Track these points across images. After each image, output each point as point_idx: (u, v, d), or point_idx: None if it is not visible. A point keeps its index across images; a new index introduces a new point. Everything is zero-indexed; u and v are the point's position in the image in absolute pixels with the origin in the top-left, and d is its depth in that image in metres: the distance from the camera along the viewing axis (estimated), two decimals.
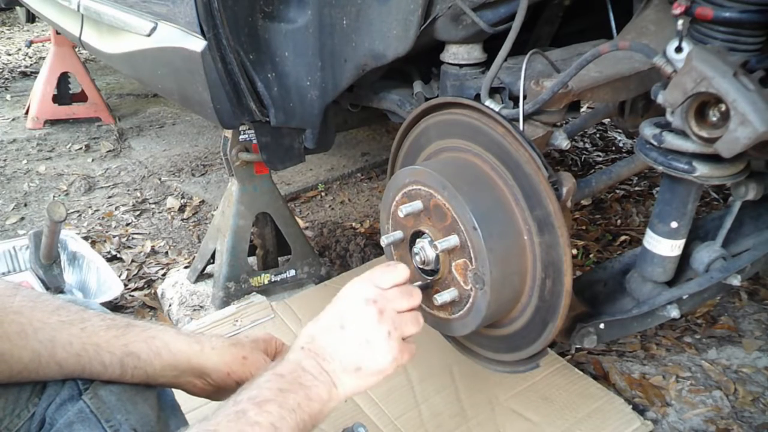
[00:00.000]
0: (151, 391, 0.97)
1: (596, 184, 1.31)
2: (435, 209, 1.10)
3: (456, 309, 1.13)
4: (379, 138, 3.50)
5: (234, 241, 1.96)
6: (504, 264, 1.04)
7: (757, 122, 0.82)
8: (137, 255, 2.44)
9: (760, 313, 1.96)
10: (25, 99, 4.09)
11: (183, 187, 3.03)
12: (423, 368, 1.67)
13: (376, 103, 1.59)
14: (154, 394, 0.98)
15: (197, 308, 2.02)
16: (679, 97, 0.90)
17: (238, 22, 1.37)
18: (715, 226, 1.25)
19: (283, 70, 1.45)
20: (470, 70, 1.30)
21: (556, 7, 1.48)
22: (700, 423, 1.58)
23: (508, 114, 1.11)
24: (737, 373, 1.74)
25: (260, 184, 1.98)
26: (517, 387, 1.61)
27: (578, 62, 1.03)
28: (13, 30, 6.45)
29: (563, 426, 1.50)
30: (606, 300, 1.26)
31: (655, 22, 1.19)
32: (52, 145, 3.55)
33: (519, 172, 1.04)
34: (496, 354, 1.24)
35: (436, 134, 1.22)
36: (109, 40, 1.98)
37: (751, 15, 0.93)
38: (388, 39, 1.26)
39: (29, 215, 2.79)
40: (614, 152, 3.29)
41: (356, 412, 1.54)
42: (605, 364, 1.77)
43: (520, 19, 1.10)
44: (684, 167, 0.99)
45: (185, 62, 1.47)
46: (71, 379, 0.93)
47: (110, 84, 4.68)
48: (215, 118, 1.50)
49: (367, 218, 2.68)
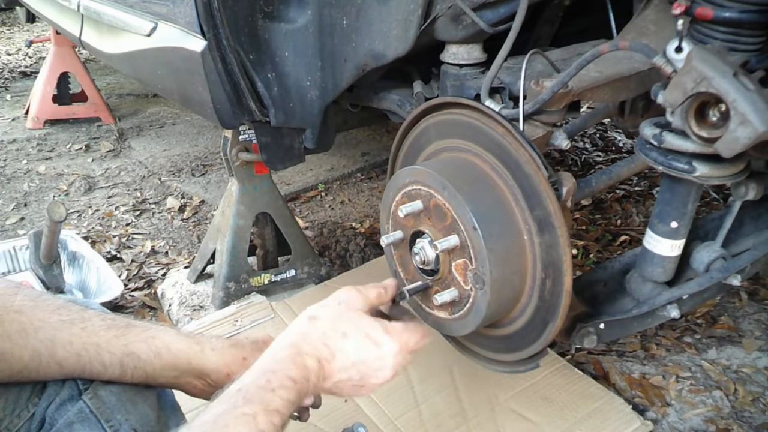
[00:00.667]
0: (151, 391, 0.97)
1: (596, 184, 1.31)
2: (435, 209, 1.10)
3: (456, 309, 1.13)
4: (379, 138, 3.50)
5: (234, 241, 1.96)
6: (504, 264, 1.04)
7: (757, 122, 0.82)
8: (137, 255, 2.44)
9: (760, 313, 1.96)
10: (25, 99, 4.09)
11: (183, 187, 3.03)
12: (423, 368, 1.67)
13: (376, 103, 1.59)
14: (154, 395, 0.98)
15: (197, 308, 2.02)
16: (679, 97, 0.90)
17: (238, 22, 1.37)
18: (715, 226, 1.25)
19: (283, 70, 1.45)
20: (470, 70, 1.30)
21: (556, 7, 1.48)
22: (700, 423, 1.58)
23: (508, 114, 1.11)
24: (737, 373, 1.74)
25: (260, 184, 1.98)
26: (517, 387, 1.61)
27: (578, 62, 1.03)
28: (13, 30, 6.46)
29: (563, 426, 1.50)
30: (606, 300, 1.26)
31: (655, 22, 1.19)
32: (52, 145, 3.55)
33: (519, 172, 1.04)
34: (496, 354, 1.24)
35: (436, 134, 1.22)
36: (109, 40, 1.98)
37: (751, 15, 0.93)
38: (388, 39, 1.26)
39: (29, 215, 2.79)
40: (614, 152, 3.29)
41: (356, 412, 1.54)
42: (605, 364, 1.77)
43: (520, 19, 1.10)
44: (684, 167, 0.99)
45: (185, 62, 1.47)
46: (71, 379, 0.93)
47: (110, 84, 4.68)
48: (215, 118, 1.50)
49: (367, 218, 2.68)
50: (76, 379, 0.93)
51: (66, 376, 0.91)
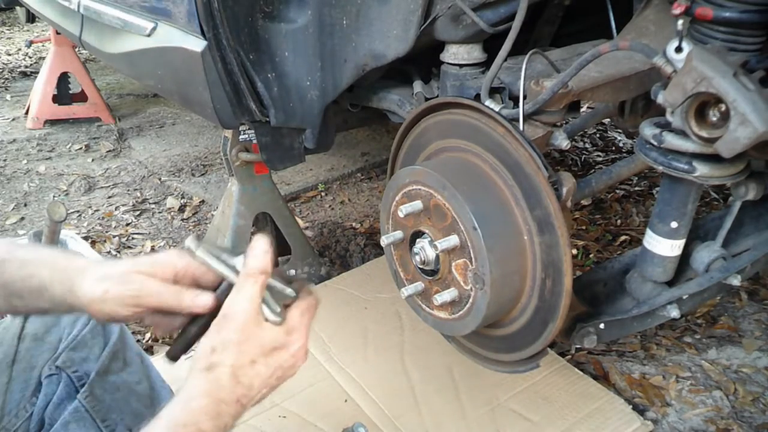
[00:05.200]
0: (145, 389, 0.96)
1: (596, 184, 1.31)
2: (435, 209, 1.10)
3: (456, 309, 1.13)
4: (379, 138, 3.50)
5: (234, 241, 1.96)
6: (504, 264, 1.04)
7: (757, 122, 0.82)
8: (137, 255, 2.44)
9: (760, 313, 1.96)
10: (25, 99, 4.09)
11: (183, 187, 3.03)
12: (423, 368, 1.67)
13: (376, 103, 1.59)
14: (148, 394, 0.97)
15: None
16: (679, 97, 0.90)
17: (238, 22, 1.37)
18: (715, 226, 1.25)
19: (283, 70, 1.45)
20: (470, 70, 1.30)
21: (556, 7, 1.48)
22: (700, 423, 1.58)
23: (508, 114, 1.11)
24: (737, 373, 1.74)
25: (260, 184, 1.98)
26: (517, 387, 1.61)
27: (578, 62, 1.03)
28: (13, 30, 6.45)
29: (563, 426, 1.50)
30: (606, 300, 1.26)
31: (655, 22, 1.19)
32: (52, 145, 3.55)
33: (519, 172, 1.04)
34: (497, 354, 1.24)
35: (436, 134, 1.22)
36: (109, 40, 1.98)
37: (751, 15, 0.93)
38: (388, 39, 1.26)
39: (29, 215, 2.79)
40: (614, 152, 3.29)
41: (356, 412, 1.54)
42: (605, 364, 1.77)
43: (520, 19, 1.10)
44: (684, 167, 0.99)
45: (185, 62, 1.47)
46: (67, 376, 0.92)
47: (110, 84, 4.68)
48: (215, 118, 1.50)
49: (367, 218, 2.67)
50: (71, 377, 0.92)
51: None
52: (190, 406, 0.72)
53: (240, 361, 0.76)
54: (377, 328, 1.83)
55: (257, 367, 0.77)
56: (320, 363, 1.69)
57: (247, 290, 0.78)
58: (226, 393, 0.74)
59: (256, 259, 0.81)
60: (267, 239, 0.83)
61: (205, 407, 0.72)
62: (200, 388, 0.74)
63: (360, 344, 1.76)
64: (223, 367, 0.75)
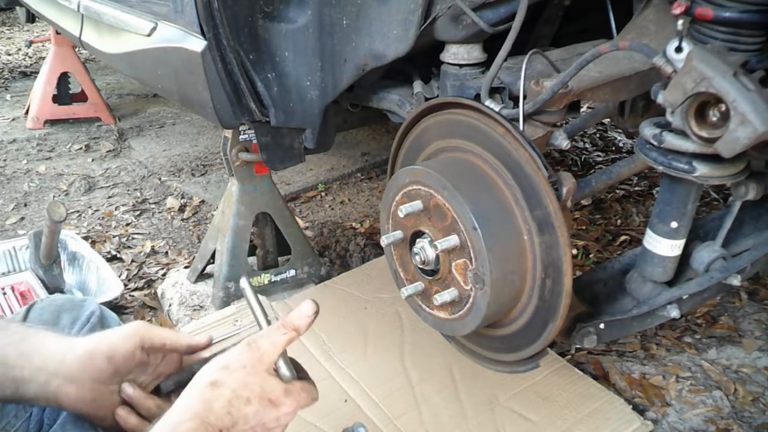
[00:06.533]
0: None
1: (596, 184, 1.31)
2: (435, 209, 1.10)
3: (456, 309, 1.13)
4: (379, 138, 3.50)
5: (234, 241, 1.96)
6: (504, 264, 1.04)
7: (757, 122, 0.82)
8: (137, 255, 2.44)
9: (760, 313, 1.96)
10: (25, 99, 4.09)
11: (183, 187, 3.03)
12: (423, 368, 1.67)
13: (376, 103, 1.59)
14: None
15: (197, 308, 2.03)
16: (679, 97, 0.90)
17: (238, 22, 1.37)
18: (715, 226, 1.26)
19: (283, 70, 1.45)
20: (470, 70, 1.30)
21: (556, 7, 1.48)
22: (700, 423, 1.58)
23: (508, 114, 1.11)
24: (737, 373, 1.74)
25: (260, 184, 1.98)
26: (517, 387, 1.61)
27: (578, 62, 1.03)
28: (13, 30, 6.45)
29: (563, 426, 1.50)
30: (606, 300, 1.26)
31: (655, 22, 1.19)
32: (52, 145, 3.55)
33: (519, 172, 1.04)
34: (497, 354, 1.24)
35: (436, 134, 1.22)
36: (109, 40, 1.98)
37: (751, 15, 0.93)
38: (388, 39, 1.26)
39: (29, 215, 2.79)
40: (614, 152, 3.29)
41: (356, 412, 1.54)
42: (605, 364, 1.77)
43: (520, 19, 1.10)
44: (684, 167, 0.99)
45: (185, 62, 1.47)
46: None
47: (110, 84, 4.68)
48: (215, 118, 1.50)
49: (367, 218, 2.68)
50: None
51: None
52: (180, 429, 0.73)
53: (240, 392, 0.78)
54: (377, 328, 1.83)
55: (250, 408, 0.78)
56: (320, 363, 1.69)
57: (277, 336, 0.82)
58: (214, 419, 0.76)
59: (298, 317, 0.84)
60: (316, 306, 0.85)
61: (194, 429, 0.73)
62: (191, 410, 0.76)
63: (360, 344, 1.76)
64: (225, 389, 0.78)
